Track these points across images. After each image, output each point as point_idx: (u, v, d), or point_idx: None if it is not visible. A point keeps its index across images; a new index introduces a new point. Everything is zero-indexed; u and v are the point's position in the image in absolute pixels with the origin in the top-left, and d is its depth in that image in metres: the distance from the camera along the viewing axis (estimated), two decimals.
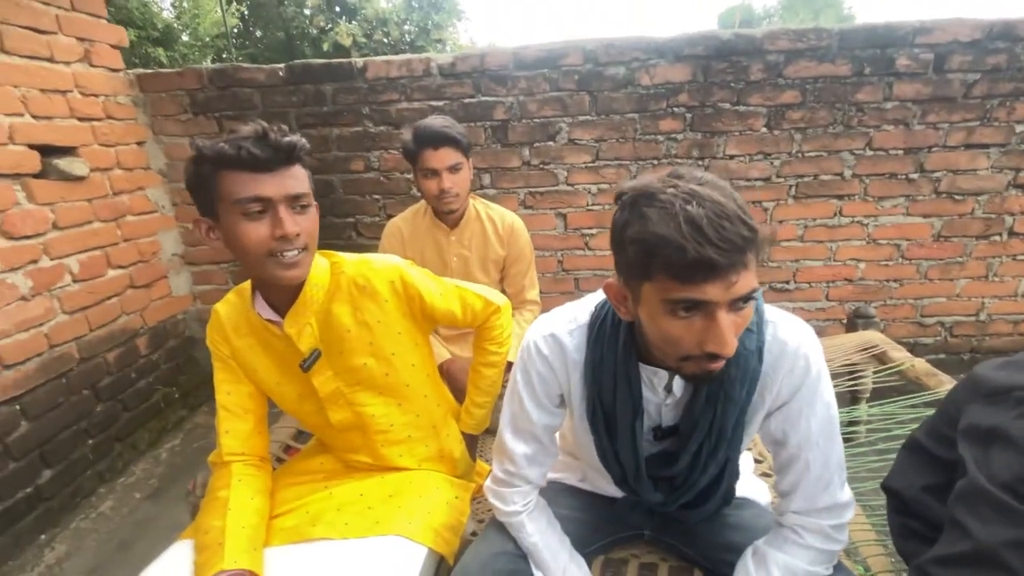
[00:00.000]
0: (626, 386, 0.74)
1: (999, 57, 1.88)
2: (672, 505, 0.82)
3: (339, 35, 12.36)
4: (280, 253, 0.79)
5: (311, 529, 0.89)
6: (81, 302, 1.74)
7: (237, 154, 0.73)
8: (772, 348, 0.71)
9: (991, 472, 0.61)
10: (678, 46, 1.90)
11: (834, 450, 0.73)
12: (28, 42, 1.56)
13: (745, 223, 0.55)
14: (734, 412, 0.71)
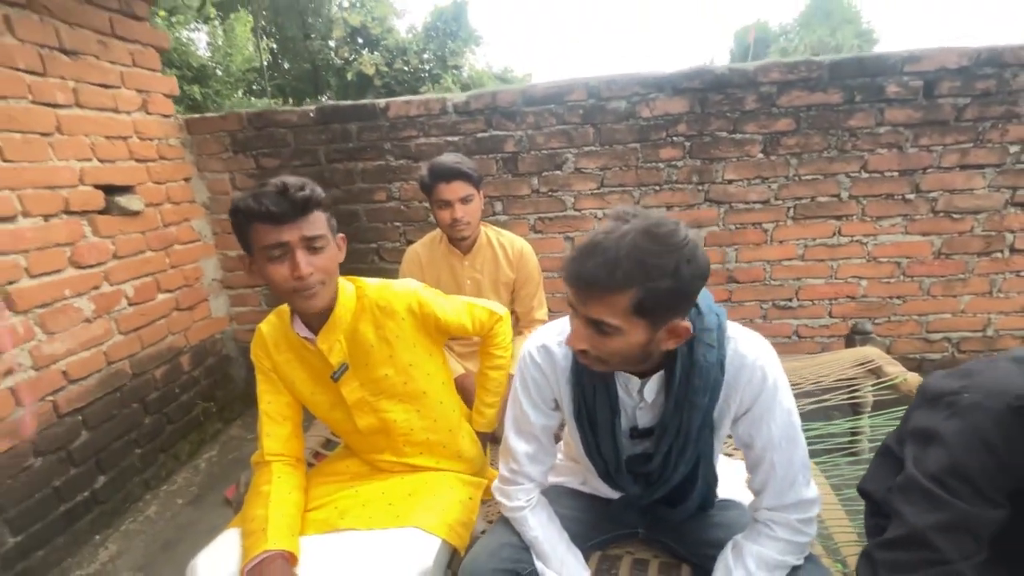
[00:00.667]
0: (604, 389, 0.86)
1: (988, 82, 1.96)
2: (649, 498, 0.93)
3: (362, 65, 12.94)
4: (300, 289, 0.93)
5: (340, 521, 1.02)
6: (134, 323, 1.94)
7: (260, 209, 0.88)
8: (733, 361, 0.82)
9: (924, 467, 0.71)
10: (675, 80, 2.04)
11: (797, 452, 0.83)
12: (98, 97, 1.79)
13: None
14: (698, 416, 0.82)
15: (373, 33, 13.17)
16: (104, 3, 1.82)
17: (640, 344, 0.74)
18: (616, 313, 0.70)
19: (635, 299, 0.69)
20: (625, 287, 0.68)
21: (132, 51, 1.95)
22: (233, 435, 2.42)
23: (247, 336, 2.55)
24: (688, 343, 0.79)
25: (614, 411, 0.87)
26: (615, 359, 0.77)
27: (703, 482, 0.92)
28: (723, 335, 0.82)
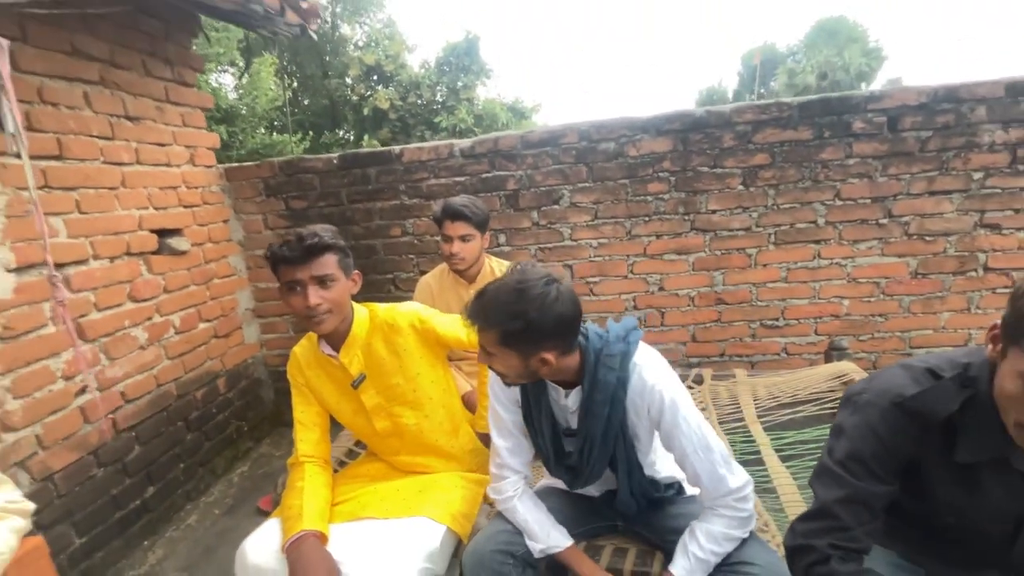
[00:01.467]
0: (538, 397, 1.09)
1: (947, 116, 2.14)
2: (576, 484, 1.16)
3: (377, 100, 13.51)
4: (309, 317, 1.15)
5: (362, 512, 1.22)
6: (179, 350, 2.19)
7: (280, 254, 1.12)
8: (635, 384, 1.02)
9: (832, 454, 0.88)
10: (658, 123, 2.26)
11: (712, 455, 1.01)
12: (155, 154, 2.09)
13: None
14: (601, 424, 1.03)
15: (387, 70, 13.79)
16: (160, 74, 2.13)
17: (517, 367, 0.98)
18: (491, 343, 0.96)
19: (500, 334, 0.94)
20: (492, 326, 0.94)
21: (182, 113, 2.25)
22: (263, 452, 2.63)
23: (276, 360, 2.79)
24: (594, 365, 1.00)
25: (546, 415, 1.09)
26: (510, 374, 1.01)
27: (629, 479, 1.10)
28: (627, 361, 1.01)
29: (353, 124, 14.69)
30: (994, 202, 2.21)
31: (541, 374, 1.01)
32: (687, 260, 2.41)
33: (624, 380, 1.01)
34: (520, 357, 0.96)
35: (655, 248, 2.41)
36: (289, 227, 2.60)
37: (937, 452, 0.81)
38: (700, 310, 2.46)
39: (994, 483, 0.79)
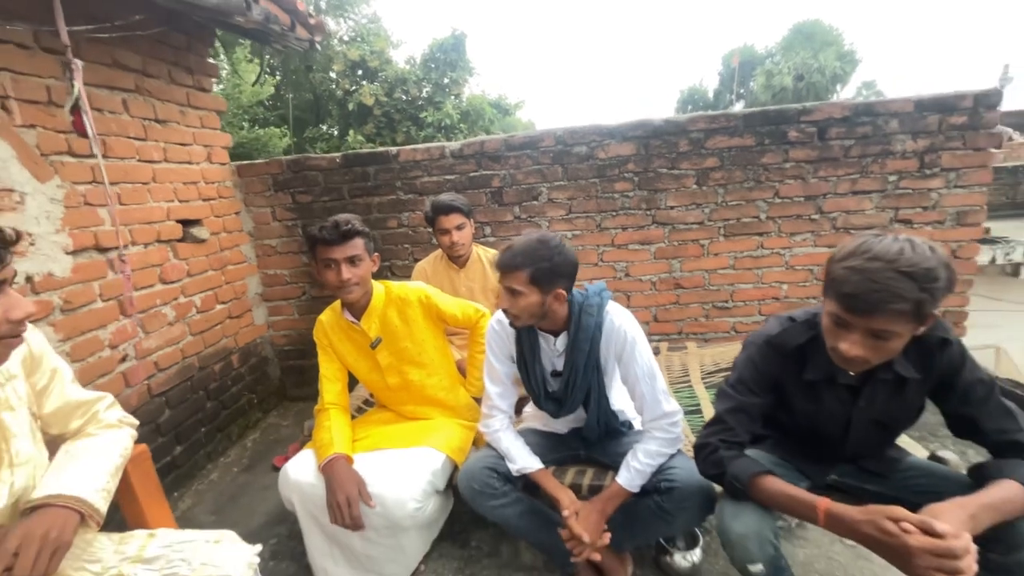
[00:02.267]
0: (531, 344, 1.39)
1: (866, 127, 2.52)
2: (560, 413, 1.47)
3: (362, 96, 13.60)
4: (341, 288, 1.46)
5: (377, 444, 1.54)
6: (201, 327, 2.46)
7: (320, 236, 1.42)
8: (607, 327, 1.36)
9: (728, 380, 1.22)
10: (624, 130, 2.60)
11: (656, 383, 1.35)
12: (179, 153, 2.35)
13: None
14: (583, 358, 1.36)
15: (372, 66, 13.85)
16: (183, 82, 2.39)
17: (537, 303, 1.28)
18: (521, 282, 1.26)
19: (530, 272, 1.25)
20: (522, 267, 1.25)
21: (201, 116, 2.51)
22: (271, 422, 2.92)
23: (281, 340, 3.06)
24: (578, 313, 1.32)
25: (537, 358, 1.41)
26: (524, 315, 1.31)
27: (598, 409, 1.44)
28: (602, 310, 1.35)
29: (338, 119, 14.73)
30: (906, 200, 2.60)
31: (548, 314, 1.32)
32: (649, 250, 2.76)
33: (600, 323, 1.35)
34: (541, 293, 1.27)
35: (621, 239, 2.75)
36: (295, 219, 2.88)
37: (793, 374, 1.16)
38: (661, 294, 2.81)
39: (829, 396, 1.15)
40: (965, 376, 1.06)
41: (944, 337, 1.06)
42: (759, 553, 1.06)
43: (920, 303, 0.89)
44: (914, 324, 0.93)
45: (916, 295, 0.88)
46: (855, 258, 0.95)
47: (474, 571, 1.64)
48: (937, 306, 0.92)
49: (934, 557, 0.81)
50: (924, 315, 0.92)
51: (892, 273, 0.89)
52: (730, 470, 1.10)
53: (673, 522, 1.33)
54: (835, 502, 0.96)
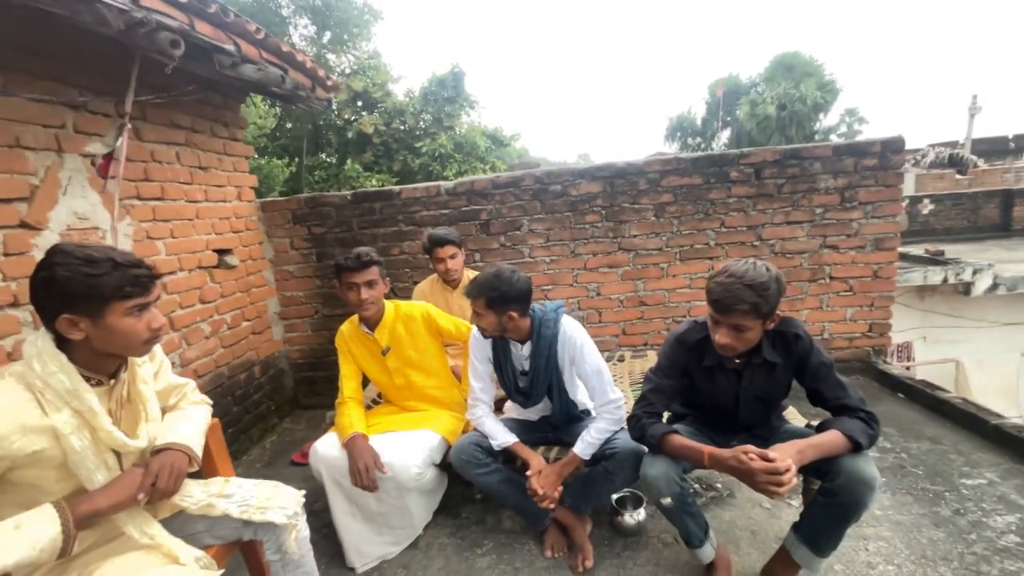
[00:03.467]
0: (502, 349, 1.81)
1: (794, 169, 3.00)
2: (527, 404, 1.87)
3: (362, 125, 14.20)
4: (360, 306, 1.88)
5: (386, 428, 1.93)
6: (230, 341, 2.86)
7: (345, 264, 1.84)
8: (561, 336, 1.77)
9: (652, 368, 1.64)
10: (592, 171, 3.07)
11: (603, 379, 1.76)
12: (217, 193, 2.80)
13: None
14: (543, 362, 1.77)
15: (373, 97, 14.50)
16: (220, 134, 2.85)
17: (495, 322, 1.70)
18: (480, 306, 1.69)
19: (486, 300, 1.67)
20: (480, 295, 1.67)
21: (234, 162, 2.97)
22: (286, 427, 3.28)
23: (296, 355, 3.46)
24: (538, 326, 1.75)
25: (509, 362, 1.83)
26: (489, 329, 1.73)
27: (560, 400, 1.85)
28: (557, 323, 1.77)
29: (336, 147, 15.30)
30: (832, 229, 3.07)
31: (508, 328, 1.73)
32: (616, 272, 3.20)
33: (555, 334, 1.77)
34: (496, 315, 1.69)
35: (592, 263, 3.19)
36: (311, 248, 3.31)
37: (696, 362, 1.58)
38: (627, 310, 3.24)
39: (721, 377, 1.56)
40: (813, 360, 1.47)
41: (796, 333, 1.48)
42: (667, 489, 1.46)
43: (757, 304, 1.32)
44: (759, 320, 1.36)
45: (754, 299, 1.31)
46: (719, 276, 1.38)
47: (464, 535, 2.01)
48: (772, 307, 1.35)
49: (767, 475, 1.22)
50: (764, 313, 1.34)
51: (739, 285, 1.32)
52: (648, 432, 1.51)
53: (615, 480, 1.72)
54: (715, 448, 1.37)
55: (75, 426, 1.07)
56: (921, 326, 6.60)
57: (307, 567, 1.41)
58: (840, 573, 1.65)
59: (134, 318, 1.10)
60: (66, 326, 1.03)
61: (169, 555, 1.18)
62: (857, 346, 3.23)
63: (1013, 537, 1.76)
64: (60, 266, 1.03)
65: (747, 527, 1.92)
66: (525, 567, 1.81)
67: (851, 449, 1.33)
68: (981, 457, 2.25)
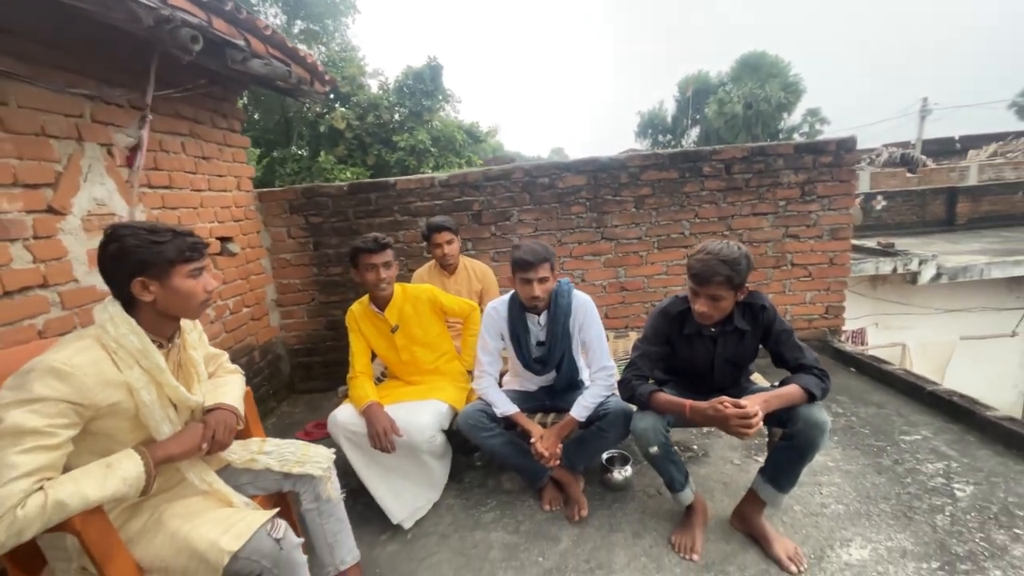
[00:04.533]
0: (521, 322, 2.00)
1: (760, 164, 3.29)
2: (543, 372, 2.06)
3: (334, 120, 14.01)
4: (378, 286, 2.04)
5: (396, 399, 2.10)
6: (232, 326, 2.96)
7: (365, 247, 2.00)
8: (574, 303, 1.98)
9: (639, 338, 1.86)
10: (577, 165, 3.29)
11: (603, 344, 1.98)
12: (218, 183, 2.88)
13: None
14: (559, 329, 1.97)
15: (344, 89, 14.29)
16: (220, 125, 2.94)
17: (552, 284, 1.90)
18: (547, 271, 1.86)
19: (551, 264, 1.87)
20: (547, 259, 1.85)
21: (233, 152, 3.06)
22: (284, 410, 3.40)
23: (292, 341, 3.56)
24: (555, 296, 1.95)
25: (526, 331, 2.02)
26: (546, 294, 1.90)
27: (566, 366, 2.06)
28: (571, 294, 1.98)
29: (308, 140, 15.04)
30: (793, 220, 3.37)
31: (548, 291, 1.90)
32: (600, 260, 3.43)
33: (569, 303, 1.98)
34: (554, 277, 1.89)
35: (578, 252, 3.42)
36: (307, 237, 3.42)
37: (677, 331, 1.81)
38: (610, 295, 3.48)
39: (699, 344, 1.80)
40: (776, 327, 1.72)
41: (762, 304, 1.73)
42: (654, 439, 1.69)
43: (730, 276, 1.55)
44: (732, 291, 1.59)
45: (727, 272, 1.55)
46: (698, 254, 1.61)
47: (469, 496, 2.20)
48: (743, 279, 1.59)
49: (738, 419, 1.46)
50: (736, 284, 1.58)
51: (715, 260, 1.56)
52: (638, 391, 1.73)
53: (608, 437, 1.94)
54: (695, 401, 1.60)
55: (145, 381, 1.21)
56: (873, 313, 7.11)
57: (339, 515, 1.58)
58: (798, 512, 1.93)
59: (193, 280, 1.25)
60: (139, 288, 1.18)
61: (224, 500, 1.34)
62: (816, 327, 3.56)
63: (940, 480, 2.07)
64: (128, 236, 1.17)
65: (720, 479, 2.18)
66: (526, 519, 2.02)
67: (807, 400, 1.59)
68: (918, 418, 2.58)
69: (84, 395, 1.09)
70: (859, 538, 1.77)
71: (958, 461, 2.18)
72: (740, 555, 1.74)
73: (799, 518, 1.90)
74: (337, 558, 1.54)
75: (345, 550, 1.56)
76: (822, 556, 1.70)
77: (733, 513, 1.88)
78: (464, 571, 1.78)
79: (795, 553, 1.68)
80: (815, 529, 1.83)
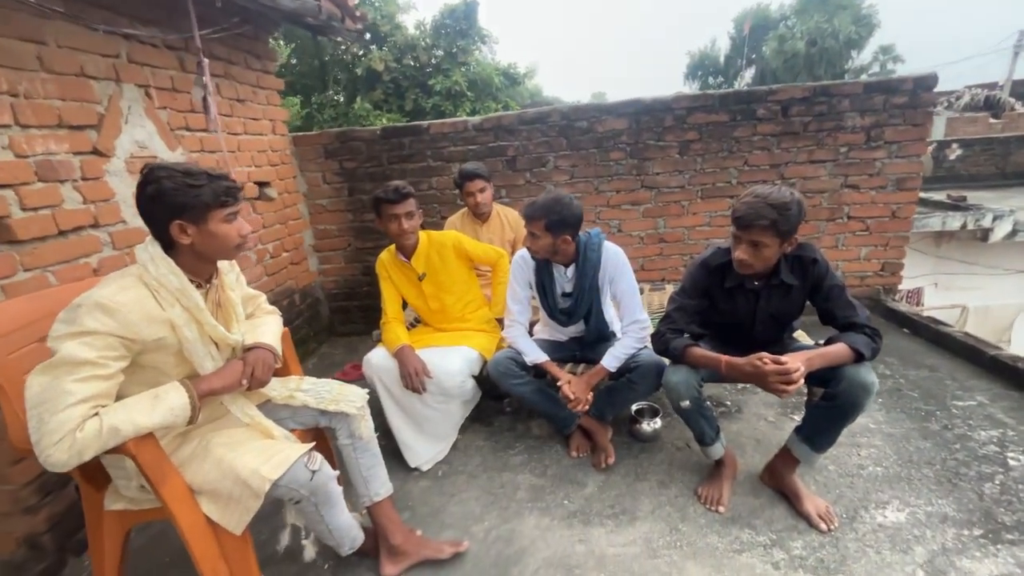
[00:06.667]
0: (548, 273, 1.96)
1: (822, 106, 3.00)
2: (568, 323, 2.03)
3: (372, 61, 13.71)
4: (401, 235, 2.02)
5: (428, 343, 2.13)
6: (272, 270, 3.05)
7: (385, 197, 1.97)
8: (604, 257, 1.91)
9: (676, 289, 1.79)
10: (618, 108, 3.10)
11: (635, 298, 1.92)
12: (254, 126, 2.89)
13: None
14: (587, 282, 1.92)
15: (382, 30, 13.89)
16: (254, 67, 2.90)
17: (549, 244, 1.84)
18: (539, 228, 1.81)
19: (545, 222, 1.79)
20: (541, 217, 1.79)
21: (267, 95, 3.03)
22: (324, 352, 3.54)
23: (330, 285, 3.66)
24: (584, 249, 1.88)
25: (551, 280, 1.98)
26: (541, 252, 1.87)
27: (595, 319, 2.02)
28: (601, 246, 1.91)
29: (344, 85, 14.85)
30: (854, 169, 3.10)
31: (558, 251, 1.86)
32: (638, 210, 3.29)
33: (599, 257, 1.92)
34: (552, 237, 1.82)
35: (615, 200, 3.28)
36: (342, 183, 3.42)
37: (718, 284, 1.72)
38: (647, 246, 3.37)
39: (740, 298, 1.71)
40: (827, 283, 1.60)
41: (814, 257, 1.60)
42: (686, 393, 1.65)
43: (776, 222, 1.44)
44: (777, 238, 1.49)
45: (774, 216, 1.44)
46: (746, 198, 1.50)
47: (498, 439, 2.26)
48: (792, 227, 1.47)
49: (778, 376, 1.40)
50: (782, 232, 1.47)
51: (761, 204, 1.45)
52: (672, 345, 1.69)
53: (638, 389, 1.93)
54: (731, 357, 1.54)
55: (185, 320, 1.25)
56: (934, 272, 6.65)
57: (373, 450, 1.64)
58: (833, 472, 1.88)
59: (228, 224, 1.26)
60: (177, 231, 1.20)
61: (266, 432, 1.41)
62: (868, 284, 3.35)
63: (993, 448, 1.96)
64: (166, 179, 1.18)
65: (752, 436, 2.15)
66: (553, 464, 2.06)
67: (855, 359, 1.50)
68: (975, 384, 2.43)
69: (130, 329, 1.14)
70: (896, 501, 1.72)
71: (1015, 430, 2.05)
72: (768, 510, 1.72)
73: (833, 477, 1.85)
74: (372, 490, 1.62)
75: (379, 483, 1.64)
76: (855, 516, 1.67)
77: (764, 469, 1.86)
78: (491, 508, 1.85)
79: (826, 511, 1.66)
80: (849, 489, 1.79)
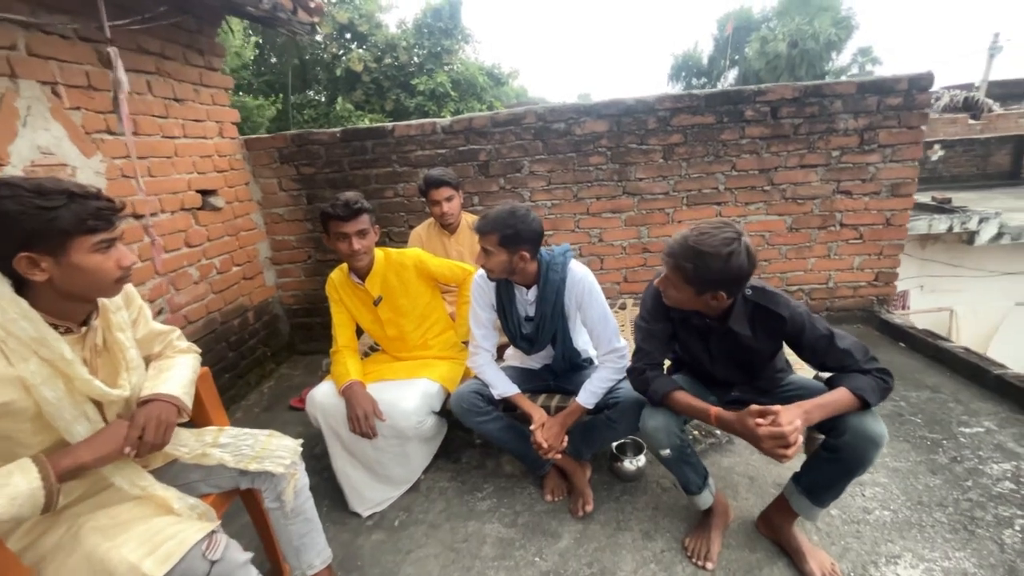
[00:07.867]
0: (507, 293, 1.72)
1: (813, 108, 2.82)
2: (531, 351, 1.80)
3: (351, 61, 13.37)
4: (352, 256, 1.76)
5: (383, 376, 1.89)
6: (221, 286, 2.77)
7: (334, 213, 1.71)
8: (570, 280, 1.68)
9: (639, 315, 1.56)
10: (598, 109, 2.88)
11: (608, 325, 1.68)
12: (196, 129, 2.60)
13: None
14: (550, 307, 1.69)
15: (361, 29, 13.54)
16: (195, 62, 2.62)
17: (504, 262, 1.59)
18: (492, 244, 1.57)
19: (498, 237, 1.55)
20: (493, 231, 1.55)
21: (212, 94, 2.75)
22: (283, 372, 3.27)
23: (290, 300, 3.38)
24: (546, 270, 1.65)
25: (513, 306, 1.74)
26: (496, 270, 1.62)
27: (562, 347, 1.79)
28: (566, 267, 1.68)
29: (325, 85, 14.47)
30: (847, 174, 2.93)
31: (516, 270, 1.62)
32: (620, 218, 3.08)
33: (563, 278, 1.68)
34: (508, 253, 1.58)
35: (595, 208, 3.06)
36: (300, 190, 3.15)
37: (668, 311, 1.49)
38: (630, 257, 3.15)
39: (690, 332, 1.49)
40: (808, 337, 1.34)
41: (781, 315, 1.33)
42: (667, 441, 1.43)
43: (683, 268, 1.25)
44: (690, 288, 1.28)
45: (683, 264, 1.25)
46: (685, 229, 1.31)
47: (465, 479, 2.03)
48: (704, 282, 1.25)
49: (773, 439, 1.18)
50: (690, 281, 1.26)
51: (684, 243, 1.26)
52: (651, 387, 1.46)
53: (618, 428, 1.70)
54: (721, 409, 1.32)
55: (45, 376, 0.99)
56: (919, 275, 6.57)
57: (307, 514, 1.39)
58: (837, 518, 1.68)
59: (101, 255, 1.01)
60: (26, 266, 0.94)
61: (163, 505, 1.15)
62: (861, 295, 3.18)
63: (1008, 484, 1.77)
64: (8, 199, 0.92)
65: (745, 473, 1.94)
66: (525, 511, 1.83)
67: (860, 407, 1.28)
68: (980, 406, 2.26)
69: None
70: (909, 554, 1.52)
71: None
72: (766, 567, 1.51)
73: (837, 525, 1.65)
74: (304, 562, 1.37)
75: (314, 553, 1.39)
76: (864, 574, 1.47)
77: (760, 517, 1.64)
78: (452, 568, 1.61)
79: (832, 570, 1.45)
80: (856, 540, 1.59)
